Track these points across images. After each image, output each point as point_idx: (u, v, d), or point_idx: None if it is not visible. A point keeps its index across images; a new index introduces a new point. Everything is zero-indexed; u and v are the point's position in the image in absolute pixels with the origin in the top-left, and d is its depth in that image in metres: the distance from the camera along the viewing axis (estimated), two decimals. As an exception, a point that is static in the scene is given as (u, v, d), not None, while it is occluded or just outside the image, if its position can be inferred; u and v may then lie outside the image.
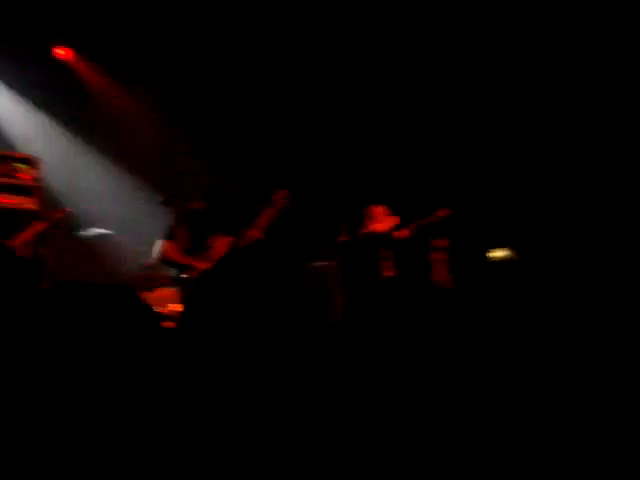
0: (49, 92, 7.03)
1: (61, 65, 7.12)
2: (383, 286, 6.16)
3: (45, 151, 6.61)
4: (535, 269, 6.44)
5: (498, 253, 6.64)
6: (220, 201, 5.01)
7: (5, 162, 5.62)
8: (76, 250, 6.65)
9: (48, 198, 6.09)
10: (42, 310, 1.74)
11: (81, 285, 1.82)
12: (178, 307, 5.43)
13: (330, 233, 6.98)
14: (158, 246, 4.95)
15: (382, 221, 6.41)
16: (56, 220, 4.89)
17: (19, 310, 1.83)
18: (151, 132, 7.47)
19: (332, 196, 7.47)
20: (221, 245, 4.95)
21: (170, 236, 4.89)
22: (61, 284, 1.85)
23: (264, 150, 7.53)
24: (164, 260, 5.02)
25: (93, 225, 6.79)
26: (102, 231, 6.74)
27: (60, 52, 7.13)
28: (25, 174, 5.87)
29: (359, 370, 1.82)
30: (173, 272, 4.99)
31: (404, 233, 6.20)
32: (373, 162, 7.49)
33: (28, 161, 5.96)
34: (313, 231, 7.24)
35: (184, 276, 4.77)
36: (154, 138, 7.43)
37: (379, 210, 6.40)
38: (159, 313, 5.75)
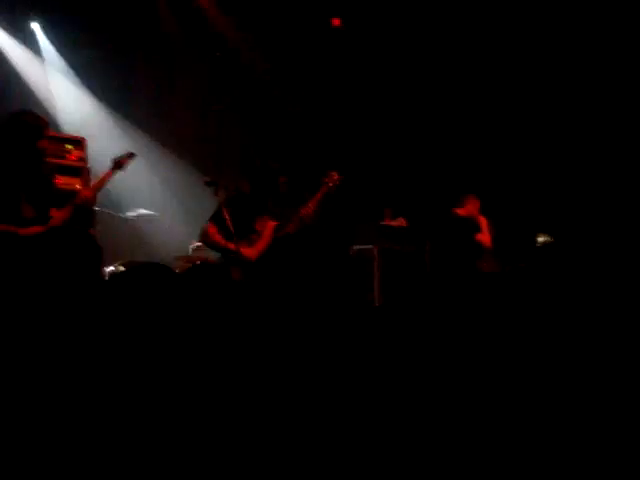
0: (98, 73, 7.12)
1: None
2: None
3: (92, 132, 6.69)
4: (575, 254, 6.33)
5: (543, 238, 6.54)
6: (267, 183, 4.98)
7: (55, 143, 5.68)
8: (121, 231, 6.72)
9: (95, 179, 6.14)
10: (111, 290, 1.78)
11: (149, 265, 1.86)
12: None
13: (372, 216, 6.95)
14: (203, 229, 4.95)
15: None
16: (124, 164, 4.61)
17: (86, 289, 1.87)
18: (197, 111, 7.50)
19: (376, 179, 7.43)
20: (267, 230, 4.93)
21: (215, 219, 4.87)
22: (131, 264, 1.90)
23: (311, 132, 7.52)
24: (208, 243, 5.01)
25: (138, 206, 6.84)
26: (147, 212, 6.79)
27: None
28: (73, 155, 5.94)
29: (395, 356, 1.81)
30: (217, 255, 4.99)
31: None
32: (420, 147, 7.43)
33: (75, 141, 6.03)
34: (356, 214, 7.22)
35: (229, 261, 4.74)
36: (200, 117, 7.45)
37: (475, 202, 6.14)
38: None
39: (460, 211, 6.02)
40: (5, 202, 4.11)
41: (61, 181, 5.55)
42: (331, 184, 5.12)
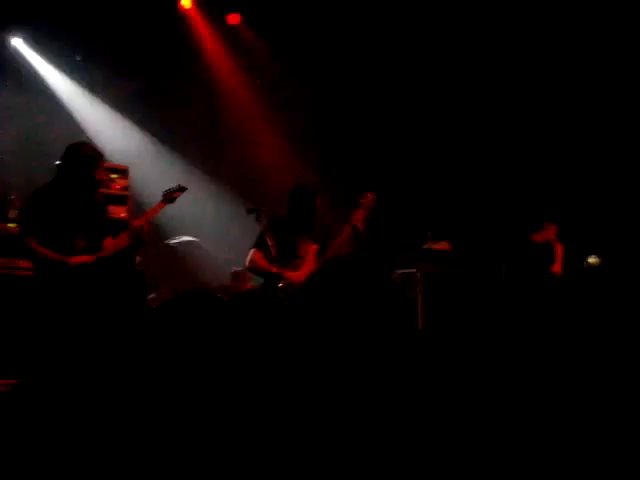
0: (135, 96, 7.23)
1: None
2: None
3: (132, 159, 6.78)
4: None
5: (593, 260, 6.41)
6: (307, 207, 4.99)
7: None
8: (164, 257, 6.78)
9: (138, 206, 6.22)
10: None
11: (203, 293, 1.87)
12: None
13: (414, 240, 6.89)
14: (248, 255, 4.96)
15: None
16: (175, 197, 4.63)
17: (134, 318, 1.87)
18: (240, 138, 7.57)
19: (420, 201, 7.38)
20: (310, 253, 4.93)
21: (259, 245, 4.89)
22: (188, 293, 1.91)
23: (350, 153, 7.53)
24: (253, 269, 5.02)
25: (181, 232, 6.90)
26: (190, 239, 6.84)
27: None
28: (118, 184, 6.03)
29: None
30: (262, 281, 4.99)
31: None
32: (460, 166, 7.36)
33: (120, 170, 6.12)
34: (396, 237, 7.17)
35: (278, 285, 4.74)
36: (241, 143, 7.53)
37: (552, 227, 6.06)
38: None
39: (537, 237, 5.95)
40: (58, 232, 4.19)
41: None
42: (368, 206, 5.09)
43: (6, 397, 1.74)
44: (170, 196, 4.65)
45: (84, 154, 4.31)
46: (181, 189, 4.71)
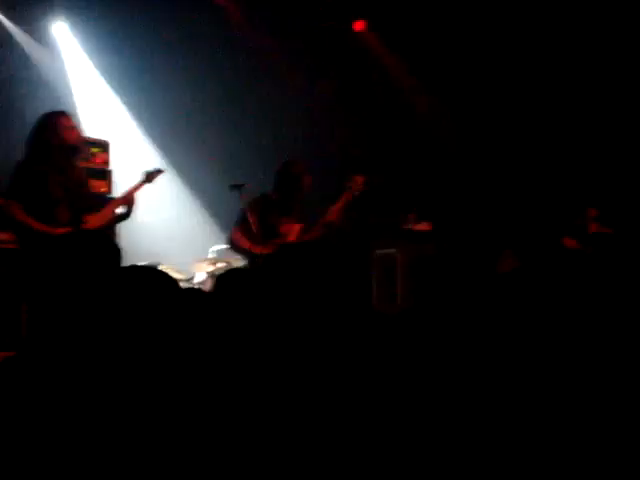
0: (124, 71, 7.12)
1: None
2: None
3: (116, 135, 6.69)
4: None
5: None
6: (292, 186, 4.97)
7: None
8: (141, 233, 6.72)
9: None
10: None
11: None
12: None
13: (397, 220, 6.91)
14: (229, 234, 4.96)
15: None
16: (153, 179, 4.74)
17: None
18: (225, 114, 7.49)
19: (402, 182, 7.38)
20: (292, 232, 4.93)
21: (240, 222, 4.88)
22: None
23: (338, 136, 7.51)
24: (233, 246, 5.03)
25: (160, 209, 6.84)
26: (168, 215, 6.80)
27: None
28: (98, 158, 5.96)
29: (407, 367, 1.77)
30: (243, 259, 5.00)
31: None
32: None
33: (101, 144, 6.05)
34: (380, 217, 7.17)
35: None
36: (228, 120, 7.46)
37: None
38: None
39: (569, 242, 5.86)
40: (43, 204, 4.17)
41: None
42: (355, 189, 5.06)
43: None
44: (150, 177, 4.75)
45: (60, 124, 4.28)
46: (159, 171, 4.84)
